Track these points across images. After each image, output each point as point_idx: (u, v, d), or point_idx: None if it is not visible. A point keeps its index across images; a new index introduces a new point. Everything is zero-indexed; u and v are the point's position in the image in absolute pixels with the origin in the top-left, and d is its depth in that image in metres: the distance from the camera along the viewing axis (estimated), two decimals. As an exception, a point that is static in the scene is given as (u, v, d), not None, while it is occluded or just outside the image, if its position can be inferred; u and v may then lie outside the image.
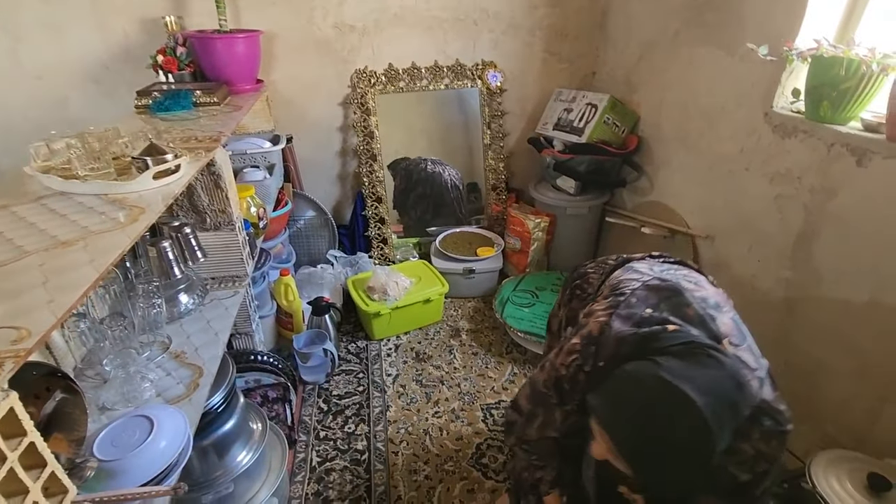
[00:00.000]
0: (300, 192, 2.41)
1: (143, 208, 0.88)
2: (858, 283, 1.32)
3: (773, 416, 0.84)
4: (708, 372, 0.76)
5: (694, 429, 0.72)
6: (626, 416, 0.77)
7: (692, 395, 0.72)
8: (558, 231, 2.48)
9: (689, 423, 0.72)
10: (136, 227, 0.82)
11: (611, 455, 0.80)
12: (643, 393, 0.76)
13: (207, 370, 1.09)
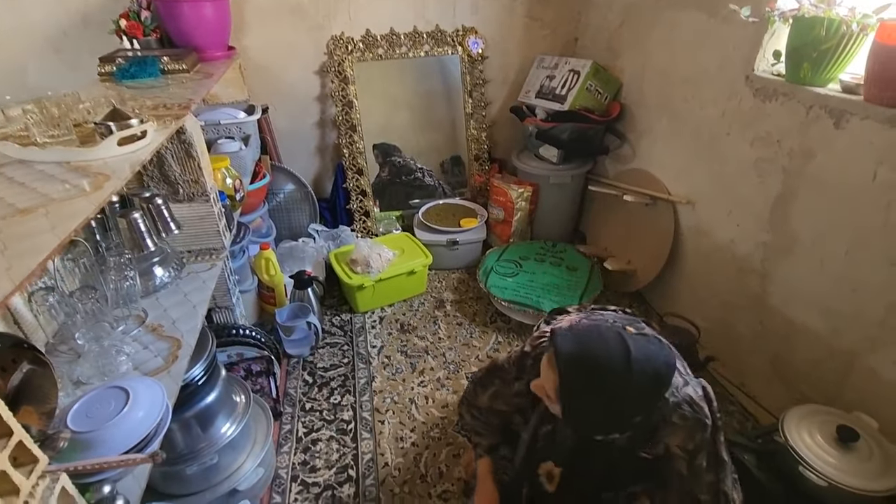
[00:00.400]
0: (278, 164, 2.35)
1: (107, 175, 0.84)
2: (834, 242, 1.35)
3: (693, 407, 0.92)
4: (650, 346, 0.90)
5: (620, 375, 0.84)
6: (578, 352, 0.87)
7: (632, 350, 0.85)
8: (541, 200, 2.47)
9: (619, 369, 0.84)
10: (100, 194, 0.78)
11: (549, 389, 0.91)
12: (599, 341, 0.88)
13: (186, 342, 1.07)
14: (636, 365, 0.84)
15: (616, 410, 0.88)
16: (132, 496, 0.76)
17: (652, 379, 0.86)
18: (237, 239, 1.84)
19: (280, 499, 1.41)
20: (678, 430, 0.92)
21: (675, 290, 2.03)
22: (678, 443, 0.93)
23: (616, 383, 0.84)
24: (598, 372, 0.85)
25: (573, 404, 0.89)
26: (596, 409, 0.88)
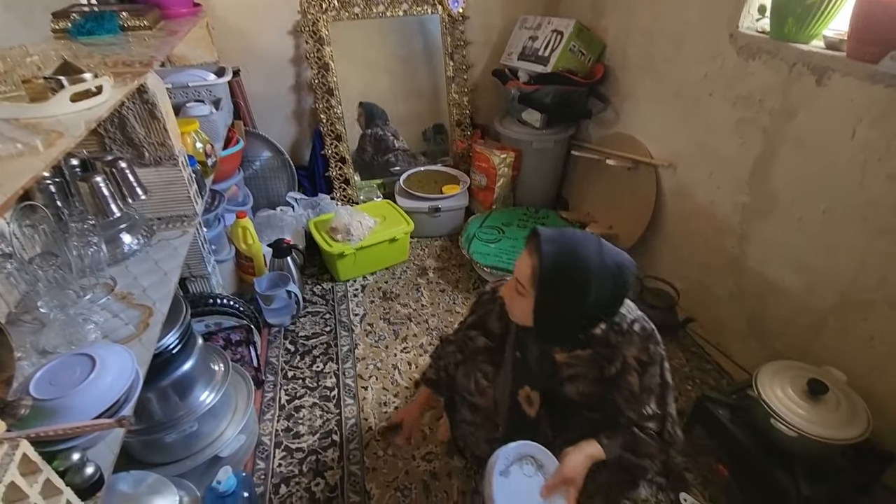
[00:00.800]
0: (253, 130, 2.27)
1: (60, 133, 0.79)
2: (812, 202, 1.36)
3: (649, 324, 1.03)
4: (616, 257, 0.96)
5: (592, 257, 0.93)
6: (558, 236, 0.95)
7: (603, 242, 0.96)
8: (524, 166, 2.44)
9: (592, 250, 0.93)
10: (52, 151, 0.73)
11: (523, 278, 0.97)
12: (574, 233, 0.97)
13: (158, 310, 1.04)
14: (606, 250, 0.95)
15: (583, 298, 0.93)
16: (104, 463, 0.74)
17: (618, 266, 0.94)
18: (211, 207, 1.79)
19: (264, 465, 1.41)
20: (635, 341, 1.01)
21: (655, 254, 2.05)
22: (634, 354, 1.01)
23: (588, 264, 0.92)
24: (574, 251, 0.93)
25: (546, 289, 0.94)
26: (567, 293, 0.93)
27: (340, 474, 1.39)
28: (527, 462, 1.03)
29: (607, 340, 1.02)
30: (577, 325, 1.00)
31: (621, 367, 1.02)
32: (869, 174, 1.20)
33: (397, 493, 1.34)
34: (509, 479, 1.00)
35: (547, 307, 0.97)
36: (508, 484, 0.99)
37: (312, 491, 1.34)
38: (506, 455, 1.02)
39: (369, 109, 2.49)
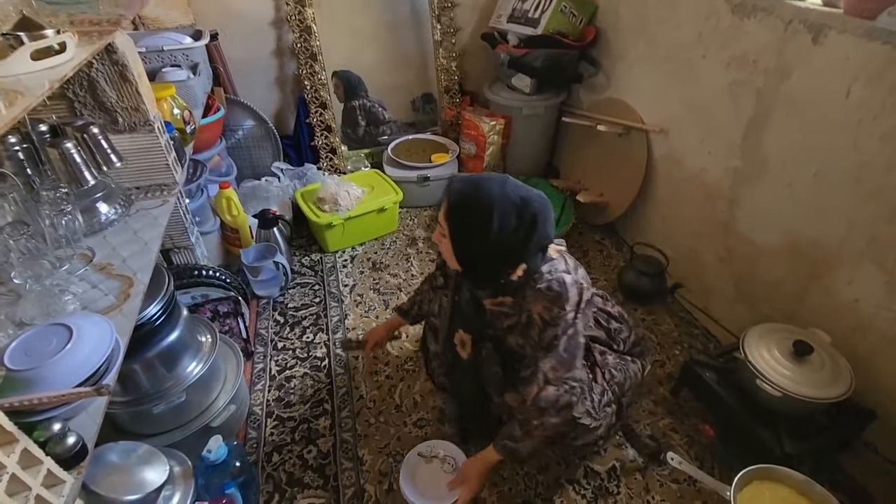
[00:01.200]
0: (234, 97, 2.19)
1: (20, 92, 0.74)
2: (803, 165, 1.34)
3: (561, 287, 1.02)
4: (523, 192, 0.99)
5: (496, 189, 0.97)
6: (467, 177, 1.04)
7: (510, 177, 1.01)
8: (514, 133, 2.40)
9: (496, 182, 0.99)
10: (12, 111, 0.69)
11: (443, 215, 1.01)
12: (483, 176, 1.02)
13: (139, 280, 1.02)
14: (510, 185, 0.99)
15: (488, 228, 0.96)
16: (87, 433, 0.73)
17: (522, 200, 0.98)
18: (193, 177, 1.74)
19: (256, 434, 1.42)
20: (541, 299, 1.03)
21: (646, 221, 2.04)
22: (539, 311, 1.03)
23: (490, 195, 0.96)
24: (477, 186, 0.99)
25: (456, 224, 1.00)
26: (474, 224, 0.98)
27: (333, 441, 1.40)
28: (448, 461, 1.25)
29: (524, 292, 1.05)
30: (492, 264, 1.02)
31: (527, 320, 1.06)
32: (863, 134, 1.18)
33: (389, 459, 1.35)
34: (430, 466, 1.25)
35: (459, 242, 1.01)
36: (427, 468, 1.24)
37: (305, 458, 1.36)
38: (429, 445, 1.28)
39: (346, 78, 2.40)
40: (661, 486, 1.29)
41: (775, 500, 1.05)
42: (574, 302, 1.03)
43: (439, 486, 1.19)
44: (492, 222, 0.95)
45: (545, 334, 1.04)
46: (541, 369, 1.04)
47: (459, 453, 1.26)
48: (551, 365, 1.04)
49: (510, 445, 1.11)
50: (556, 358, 1.04)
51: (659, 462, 1.30)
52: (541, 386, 1.04)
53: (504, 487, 1.29)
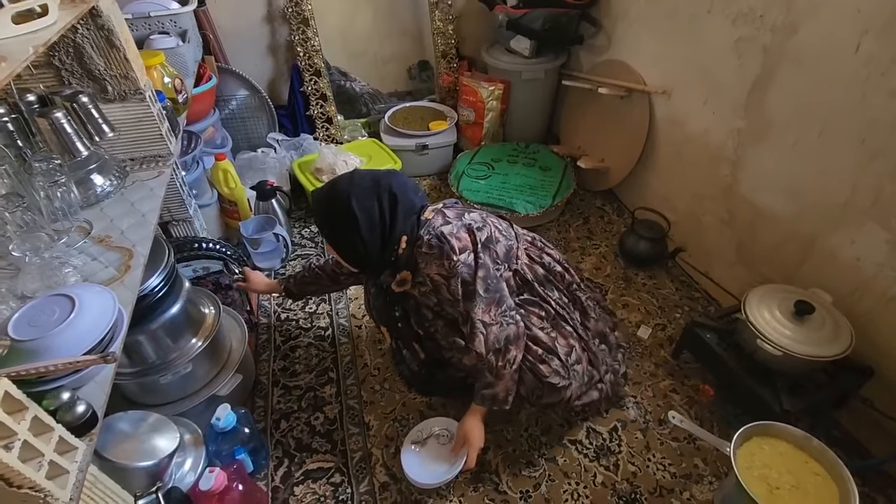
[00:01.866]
0: (226, 66, 2.14)
1: (3, 57, 0.72)
2: (808, 124, 1.32)
3: (441, 239, 1.06)
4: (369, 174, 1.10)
5: (337, 195, 1.06)
6: (319, 191, 1.11)
7: (358, 169, 1.17)
8: (513, 99, 2.35)
9: (344, 179, 1.09)
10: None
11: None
12: (334, 179, 1.11)
13: (139, 252, 1.01)
14: (357, 174, 1.08)
15: (350, 219, 1.03)
16: (97, 402, 0.74)
17: (372, 180, 1.06)
18: (188, 149, 1.71)
19: (263, 402, 1.44)
20: (431, 260, 1.07)
21: (647, 186, 2.02)
22: (433, 271, 1.08)
23: (338, 189, 1.05)
24: (328, 186, 1.08)
25: (324, 226, 1.09)
26: (336, 219, 1.05)
27: (339, 408, 1.42)
28: (442, 434, 1.26)
29: (415, 261, 1.09)
30: (375, 248, 1.07)
31: (431, 284, 1.10)
32: (871, 90, 1.16)
33: (395, 424, 1.38)
34: (426, 447, 1.25)
35: (339, 243, 1.08)
36: (424, 451, 1.24)
37: (312, 424, 1.38)
38: (419, 430, 1.28)
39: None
40: (661, 444, 1.32)
41: (774, 455, 1.07)
42: (463, 245, 1.07)
43: (444, 459, 1.21)
44: (354, 212, 1.02)
45: (452, 288, 1.08)
46: (475, 318, 1.09)
47: (450, 422, 1.28)
48: (481, 309, 1.09)
49: (488, 393, 1.14)
50: (482, 302, 1.08)
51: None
52: (484, 333, 1.09)
53: (508, 449, 1.32)
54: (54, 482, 0.61)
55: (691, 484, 1.24)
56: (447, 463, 1.20)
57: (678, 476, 1.26)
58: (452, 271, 1.06)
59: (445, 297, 1.10)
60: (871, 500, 1.21)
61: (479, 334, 1.09)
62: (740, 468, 1.03)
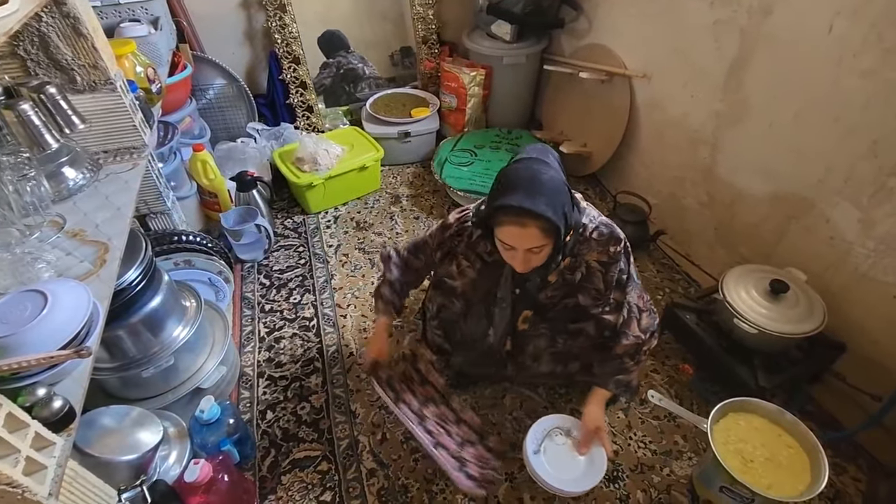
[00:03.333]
0: (202, 55, 2.09)
1: (-38, 47, 0.69)
2: (784, 106, 1.34)
3: (608, 227, 1.07)
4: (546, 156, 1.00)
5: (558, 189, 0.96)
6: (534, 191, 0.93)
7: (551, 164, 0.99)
8: (495, 84, 2.34)
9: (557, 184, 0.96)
10: (-45, 68, 0.65)
11: (537, 238, 0.95)
12: (532, 171, 0.96)
13: (114, 246, 1.00)
14: (551, 158, 1.01)
15: (566, 214, 0.96)
16: (74, 397, 0.73)
17: (558, 164, 1.01)
18: (164, 140, 1.68)
19: (248, 393, 1.44)
20: (595, 246, 1.06)
21: (629, 170, 2.03)
22: (595, 258, 1.07)
23: (554, 179, 0.95)
24: (519, 174, 0.96)
25: (559, 231, 0.95)
26: (563, 218, 0.95)
27: (325, 397, 1.43)
28: (555, 433, 1.16)
29: (577, 248, 1.07)
30: (567, 226, 1.01)
31: (586, 271, 1.09)
32: (844, 71, 1.17)
33: (381, 411, 1.39)
34: (547, 454, 1.13)
35: (560, 240, 0.98)
36: (547, 457, 1.13)
37: (298, 414, 1.39)
38: (534, 437, 1.15)
39: (328, 41, 2.31)
40: (642, 423, 1.35)
41: (749, 429, 1.10)
42: (621, 233, 1.07)
43: (571, 458, 1.12)
44: (566, 206, 0.95)
45: (609, 275, 1.08)
46: (630, 304, 1.11)
47: (563, 419, 1.19)
48: (637, 295, 1.12)
49: (624, 379, 1.14)
50: (636, 288, 1.12)
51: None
52: (638, 318, 1.12)
53: (494, 433, 1.33)
54: (32, 478, 0.61)
55: (671, 460, 1.28)
56: (576, 462, 1.11)
57: (658, 453, 1.29)
58: (613, 258, 1.06)
59: (595, 285, 1.09)
60: (841, 469, 1.25)
61: (634, 321, 1.11)
62: (717, 443, 1.06)
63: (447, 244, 1.19)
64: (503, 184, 0.96)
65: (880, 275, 1.20)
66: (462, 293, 1.23)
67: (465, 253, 1.17)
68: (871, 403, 1.20)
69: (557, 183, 0.95)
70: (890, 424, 1.21)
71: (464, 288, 1.21)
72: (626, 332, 1.12)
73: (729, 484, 1.04)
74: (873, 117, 1.14)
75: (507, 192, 0.93)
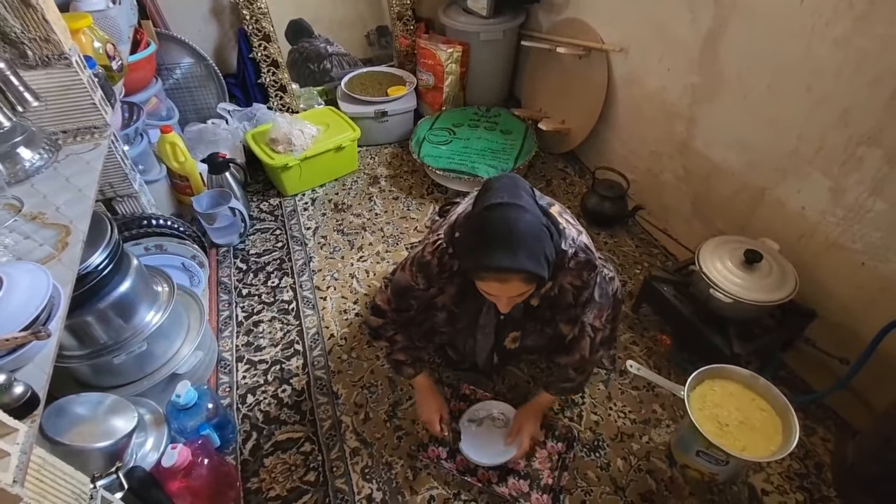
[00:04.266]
0: (166, 32, 2.00)
1: None
2: (757, 76, 1.34)
3: (586, 253, 1.01)
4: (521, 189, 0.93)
5: (538, 234, 0.89)
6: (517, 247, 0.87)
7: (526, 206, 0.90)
8: (473, 61, 2.30)
9: (536, 228, 0.89)
10: None
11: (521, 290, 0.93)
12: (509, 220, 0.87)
13: (76, 228, 0.95)
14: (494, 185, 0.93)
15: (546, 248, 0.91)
16: (37, 383, 0.70)
17: (531, 193, 0.95)
18: (130, 121, 1.61)
19: (227, 378, 1.42)
20: (571, 272, 1.02)
21: (607, 146, 2.03)
22: (570, 280, 1.04)
23: (531, 223, 0.89)
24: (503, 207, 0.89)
25: (542, 276, 0.90)
26: (545, 258, 0.90)
27: (306, 380, 1.41)
28: (498, 416, 1.28)
29: (556, 272, 1.01)
30: (549, 265, 0.95)
31: (559, 291, 1.06)
32: (816, 40, 1.18)
33: (364, 391, 1.38)
34: (482, 427, 1.26)
35: (538, 277, 0.92)
36: (480, 431, 1.25)
37: (280, 397, 1.37)
38: (477, 409, 1.28)
39: (295, 29, 2.25)
40: (622, 393, 1.38)
41: (724, 395, 1.13)
42: (597, 259, 1.04)
43: (497, 442, 1.23)
44: (540, 239, 0.88)
45: (581, 298, 1.07)
46: (586, 324, 1.09)
47: (508, 408, 1.28)
48: (594, 315, 1.09)
49: (568, 386, 1.20)
50: (594, 308, 1.09)
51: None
52: (591, 336, 1.10)
53: (476, 408, 1.34)
54: (-6, 465, 0.58)
55: (650, 428, 1.30)
56: (499, 446, 1.22)
57: (638, 422, 1.32)
58: (587, 283, 1.04)
59: (566, 302, 1.07)
60: (811, 430, 1.30)
61: (586, 338, 1.10)
62: (693, 409, 1.09)
63: (436, 282, 1.10)
64: (479, 238, 0.89)
65: (849, 242, 1.23)
66: (443, 307, 1.18)
67: (447, 280, 1.10)
68: (840, 367, 1.24)
69: (535, 228, 0.88)
70: (857, 386, 1.26)
71: (444, 303, 1.17)
72: (574, 348, 1.13)
73: (705, 448, 1.07)
74: (844, 86, 1.15)
75: (485, 251, 0.87)
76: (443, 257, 1.04)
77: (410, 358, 1.21)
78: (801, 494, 1.18)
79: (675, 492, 1.18)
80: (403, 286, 1.12)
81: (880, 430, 1.09)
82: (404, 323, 1.19)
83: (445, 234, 1.05)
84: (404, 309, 1.17)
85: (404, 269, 1.12)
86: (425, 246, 1.08)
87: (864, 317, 1.23)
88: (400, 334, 1.20)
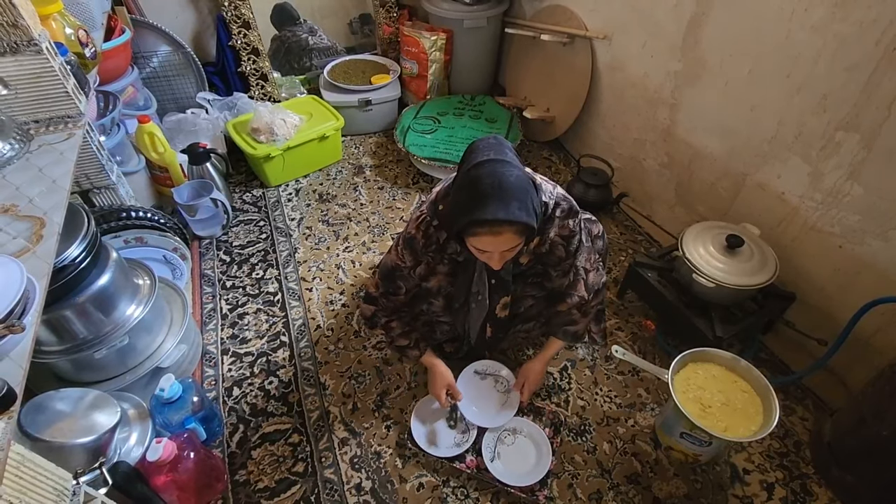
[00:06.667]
0: (141, 19, 1.95)
1: None
2: (739, 63, 1.35)
3: (566, 201, 1.08)
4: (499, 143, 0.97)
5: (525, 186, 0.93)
6: (506, 198, 0.90)
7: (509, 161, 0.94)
8: (457, 49, 2.28)
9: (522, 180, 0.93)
10: None
11: (512, 242, 0.95)
12: (497, 172, 0.91)
13: (51, 220, 0.93)
14: (481, 145, 0.96)
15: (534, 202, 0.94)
16: (13, 379, 0.69)
17: (513, 149, 0.98)
18: (105, 111, 1.57)
19: (213, 371, 1.40)
20: (557, 222, 1.07)
21: (591, 134, 2.04)
22: (557, 232, 1.08)
23: (519, 176, 0.92)
24: (512, 185, 0.90)
25: (533, 228, 0.93)
26: (534, 212, 0.94)
27: (293, 371, 1.40)
28: (501, 381, 1.33)
29: (542, 227, 1.06)
30: (537, 219, 0.99)
31: (549, 247, 1.10)
32: (795, 26, 1.19)
33: (352, 381, 1.38)
34: (485, 383, 1.32)
35: (533, 233, 0.96)
36: (480, 382, 1.32)
37: (266, 389, 1.36)
38: (486, 364, 1.35)
39: (279, 15, 2.20)
40: (608, 378, 1.40)
41: (707, 377, 1.15)
42: (575, 204, 1.09)
43: (492, 403, 1.28)
44: (528, 192, 0.92)
45: (570, 247, 1.11)
46: (579, 267, 1.15)
47: (512, 375, 1.32)
48: (584, 258, 1.15)
49: (571, 329, 1.23)
50: (584, 251, 1.14)
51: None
52: (584, 278, 1.16)
53: (464, 395, 1.35)
54: (-30, 463, 0.57)
55: (635, 412, 1.32)
56: (492, 408, 1.27)
57: (623, 406, 1.34)
58: (574, 230, 1.08)
59: (558, 255, 1.11)
60: (791, 410, 1.33)
61: (580, 282, 1.16)
62: (677, 392, 1.11)
63: (423, 257, 1.12)
64: (470, 194, 0.90)
65: (827, 226, 1.25)
66: (438, 292, 1.20)
67: (434, 257, 1.12)
68: (818, 348, 1.27)
69: (523, 181, 0.92)
70: (834, 367, 1.29)
71: (438, 286, 1.19)
72: (571, 293, 1.17)
73: (689, 430, 1.09)
74: (822, 72, 1.16)
75: (478, 204, 0.89)
76: (427, 230, 1.07)
77: (411, 340, 1.25)
78: (780, 472, 1.21)
79: (660, 473, 1.21)
80: (390, 267, 1.17)
81: (856, 409, 1.12)
82: (395, 309, 1.22)
83: (428, 208, 1.09)
84: (393, 292, 1.19)
85: (391, 252, 1.17)
86: (409, 224, 1.13)
87: (842, 299, 1.26)
88: (395, 321, 1.23)
